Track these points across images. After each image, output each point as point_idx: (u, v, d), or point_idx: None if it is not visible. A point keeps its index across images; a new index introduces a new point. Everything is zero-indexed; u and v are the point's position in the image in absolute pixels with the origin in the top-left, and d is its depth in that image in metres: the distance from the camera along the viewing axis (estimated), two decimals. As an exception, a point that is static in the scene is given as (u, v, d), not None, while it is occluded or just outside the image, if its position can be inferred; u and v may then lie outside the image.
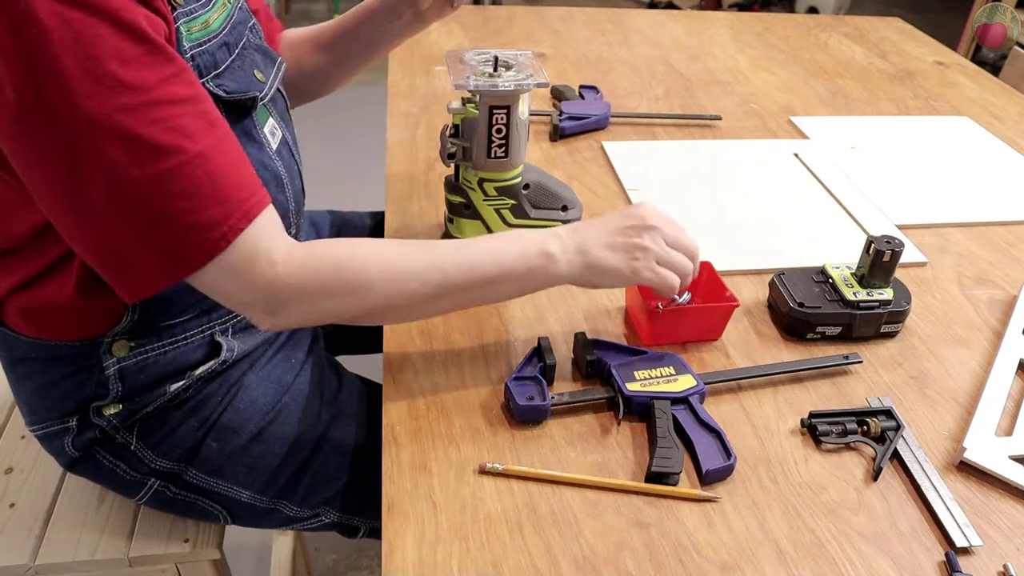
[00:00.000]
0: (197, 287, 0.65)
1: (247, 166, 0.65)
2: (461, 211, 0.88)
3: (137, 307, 0.72)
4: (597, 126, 1.21)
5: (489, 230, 0.89)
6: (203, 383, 0.79)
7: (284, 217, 0.81)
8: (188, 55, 0.67)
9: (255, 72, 0.76)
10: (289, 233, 0.80)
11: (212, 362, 0.78)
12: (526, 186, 0.88)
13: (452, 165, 0.89)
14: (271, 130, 0.79)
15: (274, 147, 0.79)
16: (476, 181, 0.86)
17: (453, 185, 0.89)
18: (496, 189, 0.86)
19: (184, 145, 0.59)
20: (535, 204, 0.89)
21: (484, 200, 0.87)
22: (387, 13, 0.95)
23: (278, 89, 0.81)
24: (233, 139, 0.65)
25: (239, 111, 0.73)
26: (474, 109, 0.83)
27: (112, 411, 0.76)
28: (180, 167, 0.59)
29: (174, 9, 0.65)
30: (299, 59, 1.01)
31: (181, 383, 0.77)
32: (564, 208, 0.91)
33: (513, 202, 0.88)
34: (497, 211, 0.88)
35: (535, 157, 1.12)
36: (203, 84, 0.68)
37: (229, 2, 0.75)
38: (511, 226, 0.89)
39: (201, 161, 0.60)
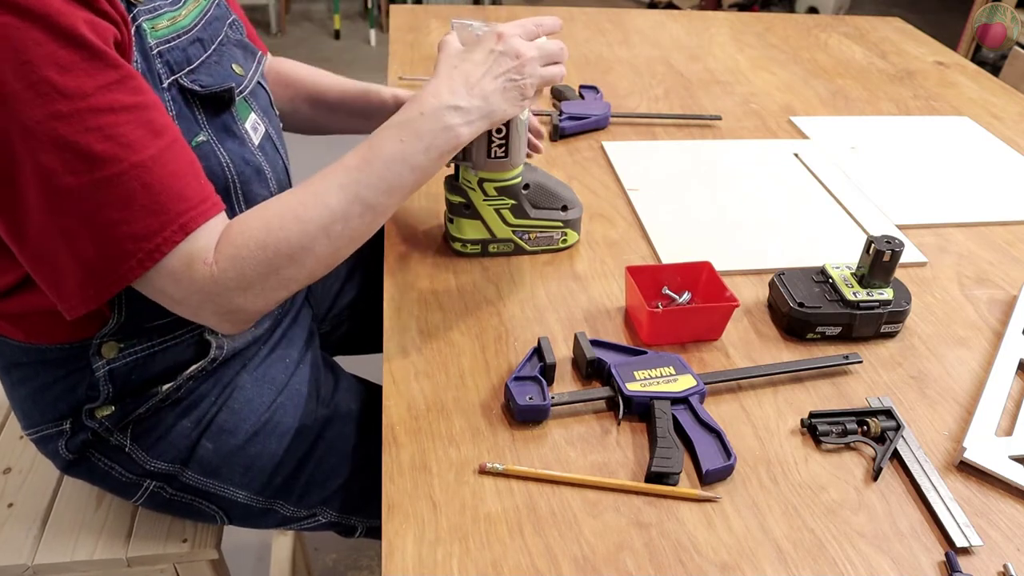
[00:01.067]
0: (147, 295, 0.65)
1: (194, 177, 0.64)
2: (461, 211, 0.88)
3: (123, 308, 0.72)
4: (597, 126, 1.21)
5: (489, 230, 0.89)
6: (195, 383, 0.79)
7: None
8: (155, 51, 0.66)
9: (233, 66, 0.76)
10: None
11: (202, 361, 0.78)
12: (526, 186, 0.88)
13: (452, 165, 0.89)
14: (253, 125, 0.78)
15: (256, 142, 0.78)
16: (476, 181, 0.86)
17: (453, 185, 0.89)
18: (496, 189, 0.87)
19: (121, 154, 0.58)
20: (535, 204, 0.89)
21: (484, 200, 0.87)
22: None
23: (259, 83, 0.81)
24: (182, 148, 0.63)
25: (217, 105, 0.72)
26: None
27: (104, 413, 0.76)
28: (116, 177, 0.58)
29: (132, 7, 0.64)
30: (294, 104, 1.01)
31: (172, 383, 0.77)
32: (564, 208, 0.91)
33: (513, 202, 0.88)
34: (497, 211, 0.88)
35: (535, 157, 1.12)
36: (177, 80, 0.68)
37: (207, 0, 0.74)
38: (511, 227, 0.89)
39: (139, 171, 0.59)
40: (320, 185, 0.68)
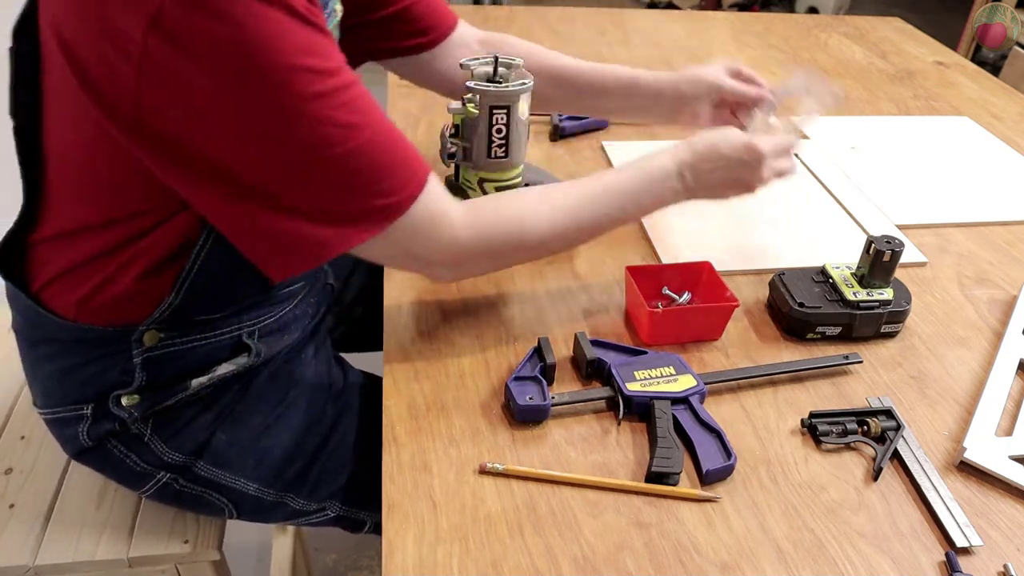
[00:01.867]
0: (379, 257, 0.70)
1: (404, 136, 0.68)
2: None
3: (180, 295, 0.72)
4: (597, 126, 1.21)
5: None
6: (222, 381, 0.79)
7: None
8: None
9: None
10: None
11: (237, 366, 0.79)
12: (526, 185, 0.88)
13: (452, 165, 0.89)
14: None
15: None
16: (476, 181, 0.86)
17: (453, 185, 0.89)
18: (496, 189, 0.87)
19: (363, 122, 0.62)
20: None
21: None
22: (662, 100, 0.99)
23: None
24: (385, 114, 0.68)
25: None
26: (474, 109, 0.83)
27: (131, 401, 0.76)
28: (364, 144, 0.62)
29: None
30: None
31: (204, 378, 0.77)
32: None
33: None
34: None
35: (535, 157, 1.12)
36: None
37: (335, 27, 0.78)
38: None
39: (377, 135, 0.64)
40: (575, 194, 0.76)
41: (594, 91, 0.98)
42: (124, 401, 0.76)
